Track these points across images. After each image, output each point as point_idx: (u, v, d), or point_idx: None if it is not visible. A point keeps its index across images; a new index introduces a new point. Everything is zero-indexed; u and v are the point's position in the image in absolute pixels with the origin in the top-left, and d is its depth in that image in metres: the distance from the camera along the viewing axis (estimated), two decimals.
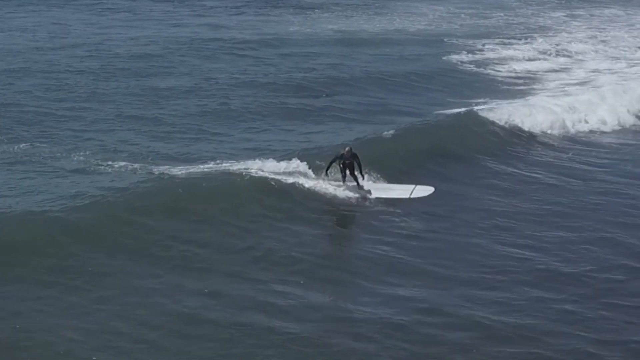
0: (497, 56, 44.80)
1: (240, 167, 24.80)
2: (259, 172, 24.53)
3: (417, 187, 24.82)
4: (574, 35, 52.29)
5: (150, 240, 20.41)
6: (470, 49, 45.76)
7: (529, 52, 46.09)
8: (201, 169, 24.77)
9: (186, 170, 24.49)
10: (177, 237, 20.74)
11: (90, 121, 29.98)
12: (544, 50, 46.97)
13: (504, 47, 47.17)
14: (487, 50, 46.09)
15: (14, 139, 27.47)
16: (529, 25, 55.18)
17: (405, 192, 24.56)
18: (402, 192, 24.55)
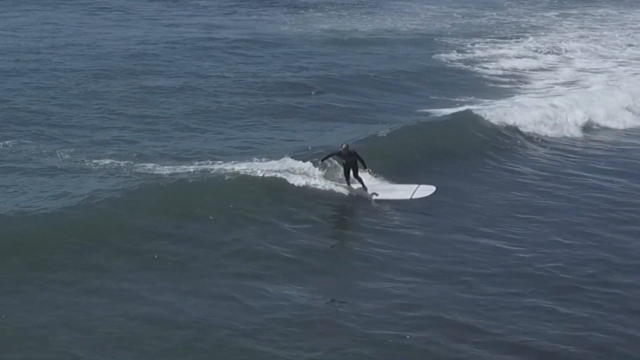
0: (487, 55, 44.98)
1: (229, 166, 24.81)
2: (248, 171, 24.42)
3: (420, 186, 24.75)
4: (565, 34, 52.50)
5: (134, 238, 20.45)
6: (460, 48, 45.94)
7: (520, 51, 46.27)
8: (189, 167, 24.83)
9: (174, 168, 24.57)
10: (162, 234, 20.80)
11: (78, 119, 30.11)
12: (535, 48, 47.15)
13: (494, 46, 47.36)
14: (477, 49, 46.28)
15: (1, 137, 27.52)
16: (521, 24, 55.39)
17: (407, 192, 24.55)
18: (405, 193, 24.55)
